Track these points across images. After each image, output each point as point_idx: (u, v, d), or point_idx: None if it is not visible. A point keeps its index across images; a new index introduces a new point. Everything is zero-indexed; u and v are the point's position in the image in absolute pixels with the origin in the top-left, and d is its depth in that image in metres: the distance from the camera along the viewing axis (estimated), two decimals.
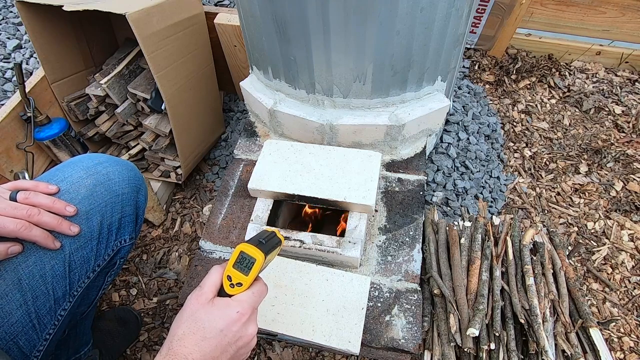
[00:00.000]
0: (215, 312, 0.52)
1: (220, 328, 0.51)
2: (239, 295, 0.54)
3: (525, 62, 1.70)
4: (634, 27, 1.57)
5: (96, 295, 0.77)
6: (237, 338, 0.53)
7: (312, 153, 0.96)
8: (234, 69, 1.39)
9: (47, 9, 1.01)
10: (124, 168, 0.72)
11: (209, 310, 0.52)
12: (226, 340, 0.52)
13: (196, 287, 0.55)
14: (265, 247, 0.56)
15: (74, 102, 1.17)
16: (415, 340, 0.77)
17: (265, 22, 0.83)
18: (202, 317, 0.52)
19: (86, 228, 0.65)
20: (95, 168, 0.68)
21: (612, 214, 1.26)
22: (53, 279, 0.62)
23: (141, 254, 1.25)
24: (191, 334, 0.50)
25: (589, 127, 1.52)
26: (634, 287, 1.12)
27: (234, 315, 0.52)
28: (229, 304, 0.53)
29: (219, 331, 0.51)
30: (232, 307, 0.53)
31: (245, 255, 0.55)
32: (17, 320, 0.59)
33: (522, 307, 0.83)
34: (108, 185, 0.69)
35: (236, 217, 0.97)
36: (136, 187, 0.74)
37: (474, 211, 1.19)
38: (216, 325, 0.51)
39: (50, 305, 0.63)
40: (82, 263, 0.66)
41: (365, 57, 0.81)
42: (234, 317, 0.52)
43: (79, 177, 0.66)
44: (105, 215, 0.68)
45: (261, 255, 0.55)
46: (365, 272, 0.87)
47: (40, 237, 0.58)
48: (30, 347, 0.62)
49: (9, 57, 1.59)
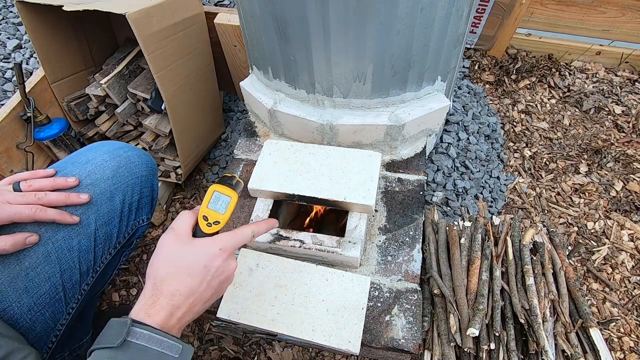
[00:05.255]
0: (198, 250, 0.54)
1: (205, 264, 0.53)
2: (221, 236, 0.56)
3: (525, 62, 1.70)
4: (634, 27, 1.57)
5: (111, 274, 0.80)
6: (220, 272, 0.55)
7: (312, 153, 0.96)
8: (234, 69, 1.39)
9: (47, 9, 1.01)
10: (142, 153, 0.79)
11: (190, 250, 0.54)
12: (210, 274, 0.54)
13: (167, 230, 0.56)
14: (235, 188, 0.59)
15: (74, 102, 1.17)
16: (415, 340, 0.77)
17: (265, 22, 0.83)
18: (184, 256, 0.53)
19: (110, 206, 0.71)
20: (117, 152, 0.74)
21: (612, 214, 1.26)
22: (80, 253, 0.66)
23: (141, 254, 1.25)
24: (175, 273, 0.52)
25: (589, 127, 1.52)
26: (634, 287, 1.12)
27: (217, 252, 0.54)
28: (211, 242, 0.55)
29: (203, 267, 0.53)
30: (214, 244, 0.55)
31: (219, 195, 0.57)
32: (46, 291, 0.63)
33: (522, 307, 0.82)
34: (130, 168, 0.74)
35: (236, 217, 0.97)
36: (152, 171, 0.80)
37: (474, 211, 1.19)
38: (200, 261, 0.53)
39: (76, 279, 0.67)
40: (106, 239, 0.71)
41: (365, 57, 0.81)
42: (216, 253, 0.54)
43: (102, 159, 0.71)
44: (127, 195, 0.73)
45: (234, 194, 0.57)
46: (365, 272, 0.87)
47: (57, 215, 0.62)
48: (54, 321, 0.65)
49: (9, 57, 1.59)
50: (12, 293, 0.60)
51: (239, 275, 0.84)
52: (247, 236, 0.59)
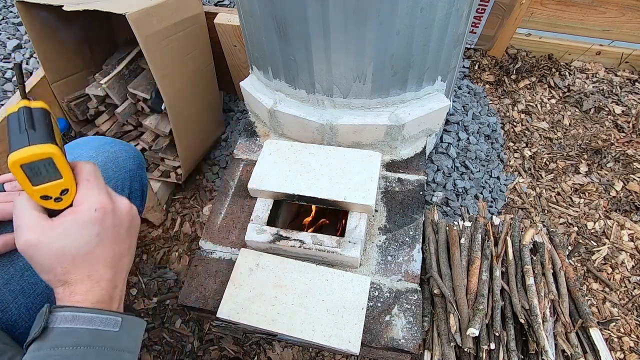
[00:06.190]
0: (74, 228, 0.43)
1: (96, 232, 0.44)
2: (79, 196, 0.45)
3: (525, 62, 1.70)
4: (634, 27, 1.57)
5: None
6: (119, 223, 0.48)
7: (312, 153, 0.96)
8: (234, 69, 1.39)
9: (47, 9, 1.01)
10: (128, 147, 0.78)
11: (66, 232, 0.43)
12: (112, 235, 0.46)
13: (16, 235, 0.43)
14: (40, 131, 0.40)
15: (74, 102, 1.17)
16: (415, 340, 0.77)
17: (265, 22, 0.83)
18: (65, 243, 0.43)
19: None
20: (104, 147, 0.73)
21: (612, 214, 1.26)
22: None
23: (141, 254, 1.25)
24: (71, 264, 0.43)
25: (589, 127, 1.51)
26: (634, 287, 1.12)
27: (95, 214, 0.44)
28: (80, 211, 0.44)
29: (96, 235, 0.44)
30: (87, 210, 0.44)
31: (32, 165, 0.39)
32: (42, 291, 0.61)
33: (522, 307, 0.82)
34: (117, 162, 0.73)
35: (236, 217, 0.97)
36: (140, 164, 0.79)
37: (474, 211, 1.19)
38: (89, 235, 0.44)
39: None
40: None
41: (365, 57, 0.81)
42: (97, 215, 0.45)
43: (89, 155, 0.70)
44: (117, 190, 0.72)
45: (50, 146, 0.39)
46: (365, 272, 0.87)
47: None
48: None
49: (9, 57, 1.59)
50: (8, 295, 0.60)
51: (239, 275, 0.84)
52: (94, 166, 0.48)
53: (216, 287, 0.87)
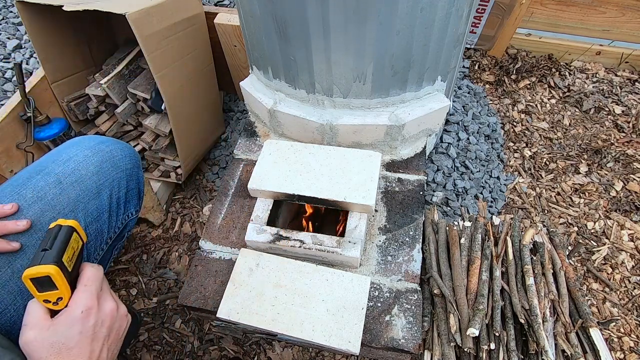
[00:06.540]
0: (63, 326, 0.50)
1: (79, 331, 0.50)
2: (74, 297, 0.53)
3: (525, 62, 1.70)
4: (634, 27, 1.57)
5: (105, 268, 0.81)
6: (101, 323, 0.53)
7: (312, 153, 0.96)
8: (234, 69, 1.39)
9: (47, 9, 1.01)
10: (124, 146, 0.78)
11: (56, 330, 0.50)
12: (92, 333, 0.51)
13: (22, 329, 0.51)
14: (53, 252, 0.52)
15: (74, 102, 1.17)
16: (415, 340, 0.77)
17: (265, 22, 0.83)
18: (55, 339, 0.49)
19: (98, 202, 0.70)
20: (99, 146, 0.73)
21: (612, 214, 1.26)
22: None
23: (141, 254, 1.25)
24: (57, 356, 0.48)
25: (589, 127, 1.52)
26: (634, 287, 1.12)
27: (81, 315, 0.51)
28: (70, 312, 0.51)
29: (79, 333, 0.50)
30: (74, 311, 0.51)
31: (37, 279, 0.51)
32: None
33: (522, 307, 0.82)
34: (113, 162, 0.73)
35: (236, 217, 0.97)
36: (136, 163, 0.80)
37: (474, 211, 1.19)
38: (73, 332, 0.50)
39: None
40: (97, 235, 0.71)
41: (365, 57, 0.81)
42: (82, 316, 0.51)
43: (84, 155, 0.70)
44: (114, 190, 0.73)
45: (50, 267, 0.50)
46: (365, 272, 0.87)
47: None
48: None
49: (9, 57, 1.59)
50: (6, 296, 0.60)
51: (239, 275, 0.84)
52: (97, 273, 0.55)
53: (216, 287, 0.87)
